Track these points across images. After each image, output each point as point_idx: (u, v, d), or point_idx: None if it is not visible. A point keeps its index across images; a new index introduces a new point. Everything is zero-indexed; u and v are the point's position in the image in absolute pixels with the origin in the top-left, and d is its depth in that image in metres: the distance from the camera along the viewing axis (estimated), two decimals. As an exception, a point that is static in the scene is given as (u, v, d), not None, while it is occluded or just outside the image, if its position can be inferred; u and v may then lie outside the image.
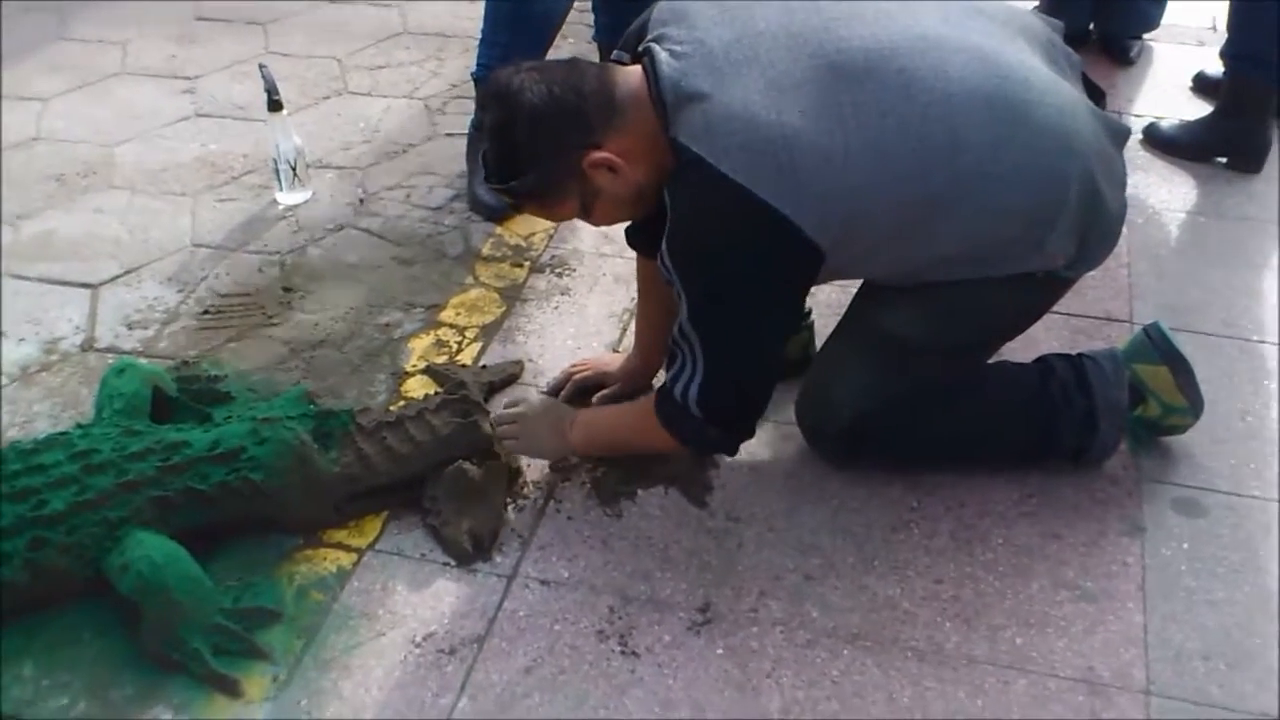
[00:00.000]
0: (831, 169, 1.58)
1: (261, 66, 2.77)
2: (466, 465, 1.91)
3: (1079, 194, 1.69)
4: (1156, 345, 1.95)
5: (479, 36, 2.80)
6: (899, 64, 1.61)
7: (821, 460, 2.01)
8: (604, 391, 2.15)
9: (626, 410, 1.96)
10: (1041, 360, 1.99)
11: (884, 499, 1.95)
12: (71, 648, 1.72)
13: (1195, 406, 1.96)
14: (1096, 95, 1.85)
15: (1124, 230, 1.87)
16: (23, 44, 3.72)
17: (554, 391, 2.19)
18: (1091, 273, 1.91)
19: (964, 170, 1.63)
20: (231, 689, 1.65)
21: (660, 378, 2.03)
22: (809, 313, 2.20)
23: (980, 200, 1.66)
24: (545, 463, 2.03)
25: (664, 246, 1.67)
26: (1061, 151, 1.67)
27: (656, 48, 1.66)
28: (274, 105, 2.72)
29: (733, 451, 1.88)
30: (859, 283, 1.95)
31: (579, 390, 2.17)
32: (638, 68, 1.69)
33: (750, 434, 1.85)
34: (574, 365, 2.23)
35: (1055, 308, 1.98)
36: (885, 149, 1.60)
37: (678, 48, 1.64)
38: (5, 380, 2.29)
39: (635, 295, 2.23)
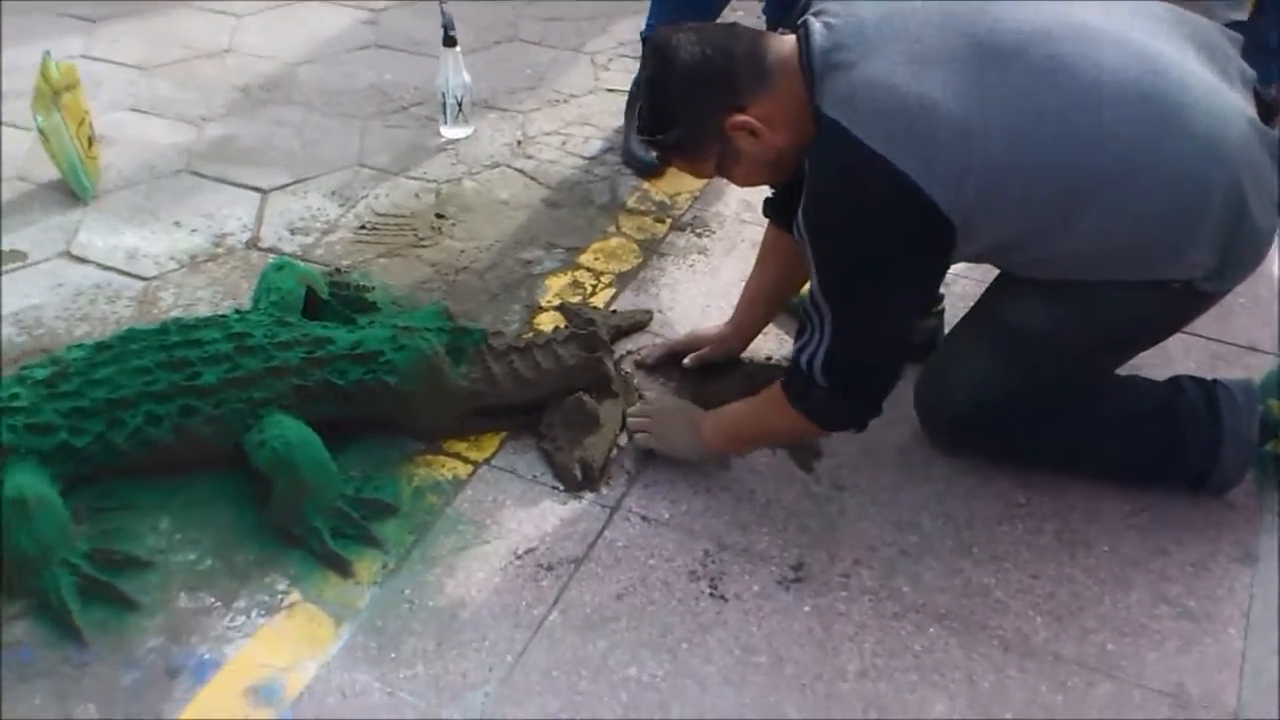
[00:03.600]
0: (969, 145, 1.57)
1: (441, 3, 2.88)
2: (585, 398, 1.98)
3: (1223, 203, 1.64)
4: None
5: (651, -2, 2.86)
6: (1050, 49, 1.60)
7: (934, 444, 2.02)
8: (695, 353, 2.17)
9: (754, 399, 1.93)
10: (1173, 380, 1.94)
11: (992, 490, 1.95)
12: (205, 510, 1.85)
13: (1330, 448, 1.90)
14: (1267, 113, 1.79)
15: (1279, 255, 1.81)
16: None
17: (651, 362, 2.20)
18: (1240, 299, 1.85)
19: (1105, 164, 1.61)
20: (344, 569, 1.76)
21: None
22: (940, 299, 2.20)
23: (1119, 197, 1.63)
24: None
25: (799, 213, 1.68)
26: (1208, 158, 1.63)
27: (812, 20, 1.68)
28: (449, 41, 2.83)
29: (860, 426, 1.82)
30: (993, 276, 1.94)
31: (670, 354, 2.19)
32: (792, 37, 1.71)
33: (877, 412, 1.81)
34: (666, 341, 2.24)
35: (1197, 330, 1.92)
36: (1025, 131, 1.59)
37: (832, 20, 1.66)
38: (175, 266, 2.45)
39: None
